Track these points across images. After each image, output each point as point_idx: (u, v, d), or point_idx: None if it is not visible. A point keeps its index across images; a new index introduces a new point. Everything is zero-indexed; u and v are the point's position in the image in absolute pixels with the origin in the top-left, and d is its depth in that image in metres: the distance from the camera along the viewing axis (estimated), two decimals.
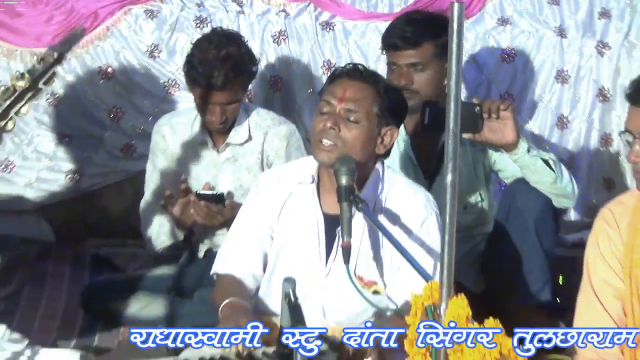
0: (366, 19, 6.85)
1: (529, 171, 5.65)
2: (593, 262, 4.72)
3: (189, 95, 6.12)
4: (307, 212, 4.99)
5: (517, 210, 5.72)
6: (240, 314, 4.66)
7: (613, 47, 6.82)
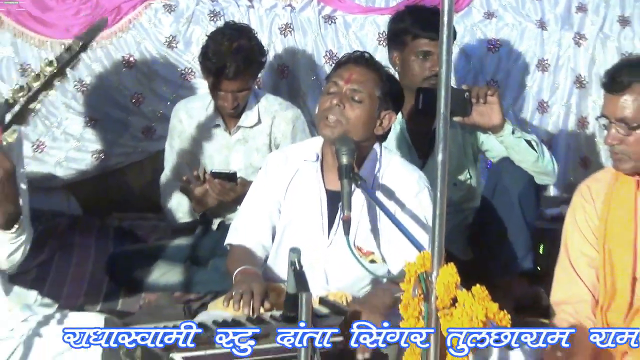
0: (365, 13, 6.85)
1: (514, 151, 5.67)
2: (570, 233, 4.73)
3: (203, 82, 6.13)
4: (312, 188, 5.01)
5: (502, 186, 5.74)
6: (253, 279, 4.70)
7: (589, 39, 6.82)
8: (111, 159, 6.84)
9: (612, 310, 4.60)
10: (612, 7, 6.86)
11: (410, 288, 4.03)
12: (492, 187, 5.83)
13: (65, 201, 6.97)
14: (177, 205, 6.06)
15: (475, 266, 5.66)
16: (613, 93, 4.47)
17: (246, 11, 6.78)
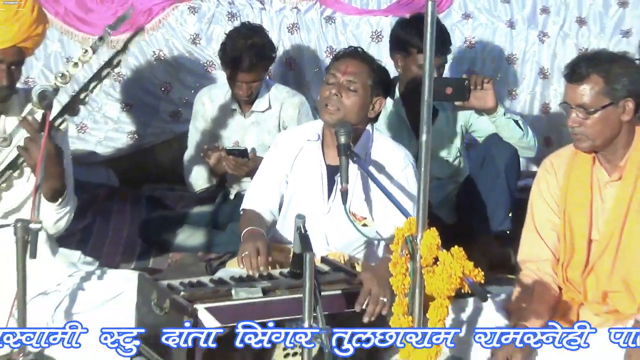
0: (360, 14, 6.83)
1: (504, 129, 5.70)
2: (536, 202, 4.74)
3: (222, 74, 6.13)
4: (314, 163, 5.01)
5: (491, 157, 5.77)
6: (257, 238, 4.73)
7: (551, 36, 6.80)
8: (143, 139, 6.84)
9: (571, 267, 4.61)
10: (570, 9, 6.84)
11: (399, 249, 4.04)
12: (481, 159, 5.85)
13: (105, 174, 6.97)
14: (196, 175, 6.10)
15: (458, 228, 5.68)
16: (573, 83, 4.47)
17: (259, 13, 6.77)
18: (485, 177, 5.79)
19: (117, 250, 5.94)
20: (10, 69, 4.63)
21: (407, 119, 5.88)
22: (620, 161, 4.53)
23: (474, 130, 5.98)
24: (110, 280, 4.77)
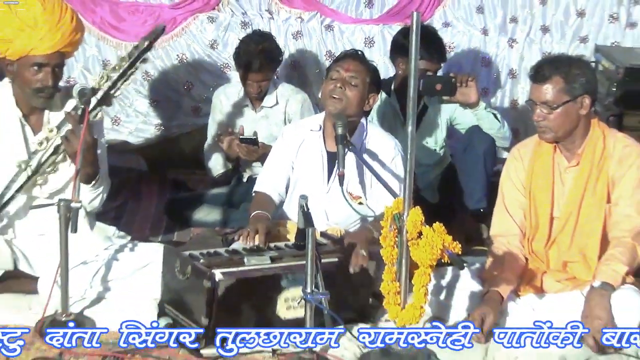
0: (354, 23, 6.80)
1: (484, 121, 5.71)
2: (505, 184, 4.75)
3: (236, 74, 6.13)
4: (316, 150, 5.01)
5: (472, 145, 5.76)
6: (260, 221, 4.75)
7: (519, 42, 6.77)
8: (169, 130, 6.82)
9: (536, 240, 4.62)
10: (536, 18, 6.81)
11: (388, 225, 4.06)
12: (464, 147, 5.85)
13: (135, 161, 6.95)
14: (214, 161, 6.10)
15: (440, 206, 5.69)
16: (537, 83, 4.49)
17: (268, 22, 6.74)
18: (467, 161, 5.79)
19: (146, 226, 5.93)
20: (54, 71, 4.64)
21: (400, 113, 5.88)
22: (578, 149, 4.55)
23: (457, 123, 5.97)
24: (140, 252, 4.78)
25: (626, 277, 4.39)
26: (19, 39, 4.56)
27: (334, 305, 4.08)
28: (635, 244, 4.44)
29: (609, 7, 6.82)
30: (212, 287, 4.15)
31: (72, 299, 4.39)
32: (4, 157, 4.71)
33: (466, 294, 4.53)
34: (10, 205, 4.73)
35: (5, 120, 4.74)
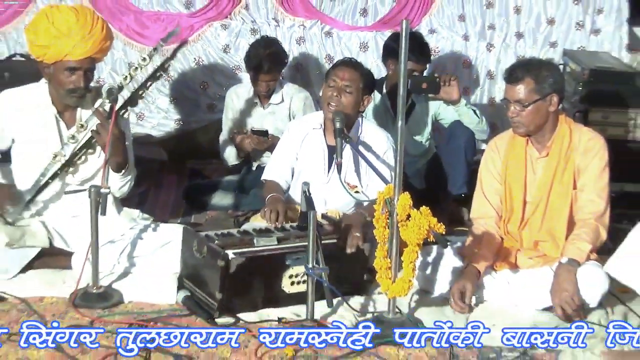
0: (351, 30, 6.79)
1: (465, 116, 5.69)
2: (483, 172, 4.74)
3: (247, 75, 6.11)
4: (317, 144, 5.02)
5: (454, 138, 5.75)
6: (278, 202, 4.77)
7: (496, 47, 6.76)
8: (187, 125, 6.81)
9: (510, 222, 4.62)
10: (511, 26, 6.80)
11: (380, 208, 4.05)
12: (447, 138, 5.84)
13: (157, 152, 6.93)
14: (228, 153, 6.08)
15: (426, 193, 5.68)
16: (511, 83, 4.50)
17: (274, 29, 6.73)
18: (449, 152, 5.78)
19: (167, 209, 5.92)
20: (86, 74, 4.65)
21: (391, 110, 5.87)
22: (548, 142, 4.55)
23: (441, 118, 5.96)
24: (161, 232, 4.77)
25: (590, 254, 4.40)
26: (55, 45, 4.56)
27: (333, 280, 4.09)
28: (598, 225, 4.45)
29: (575, 16, 6.82)
30: (225, 265, 4.15)
31: (101, 274, 4.39)
32: (41, 148, 4.72)
33: (449, 269, 4.53)
34: (45, 190, 4.75)
35: (42, 117, 4.75)
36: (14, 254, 4.58)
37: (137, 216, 4.94)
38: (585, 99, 5.83)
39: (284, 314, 4.22)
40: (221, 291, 4.18)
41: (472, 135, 5.75)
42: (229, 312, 4.19)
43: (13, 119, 4.76)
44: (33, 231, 4.71)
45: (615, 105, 5.79)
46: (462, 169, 5.73)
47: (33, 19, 4.78)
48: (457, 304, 4.32)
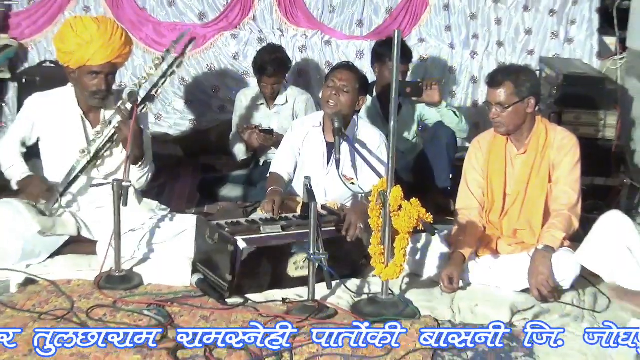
0: (348, 39, 6.78)
1: (446, 117, 5.68)
2: (467, 167, 4.74)
3: (254, 79, 6.13)
4: (317, 141, 5.00)
5: (437, 137, 5.73)
6: (275, 194, 4.73)
7: (479, 54, 6.75)
8: (200, 124, 6.81)
9: (492, 212, 4.62)
10: (492, 36, 6.78)
11: (375, 200, 4.05)
12: (431, 138, 5.82)
13: (174, 149, 6.92)
14: (238, 149, 6.06)
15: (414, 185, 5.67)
16: (492, 87, 4.49)
17: (279, 38, 6.72)
18: (434, 150, 5.76)
19: (182, 201, 5.91)
20: (107, 78, 4.66)
21: (380, 112, 5.87)
22: (526, 140, 4.55)
23: (426, 119, 5.95)
24: (177, 221, 4.77)
25: (564, 241, 4.40)
26: (79, 52, 4.58)
27: (332, 264, 4.08)
28: (571, 215, 4.45)
29: (550, 27, 6.81)
30: (235, 250, 4.16)
31: (123, 259, 4.40)
32: (68, 146, 4.72)
33: (436, 255, 4.53)
34: (73, 184, 4.75)
35: (69, 117, 4.76)
36: (45, 241, 4.58)
37: (155, 207, 4.94)
38: (559, 102, 5.83)
39: (287, 295, 4.23)
40: (231, 274, 4.18)
41: (454, 135, 5.75)
42: (238, 293, 4.20)
43: (42, 119, 4.78)
44: (63, 221, 4.71)
45: (587, 107, 5.79)
46: (445, 165, 5.73)
47: (60, 28, 4.80)
48: (446, 287, 4.32)
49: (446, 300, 4.28)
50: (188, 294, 4.23)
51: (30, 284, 4.30)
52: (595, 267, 4.31)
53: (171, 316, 3.95)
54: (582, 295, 4.38)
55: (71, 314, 3.95)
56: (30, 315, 3.93)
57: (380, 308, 4.07)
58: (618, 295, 4.29)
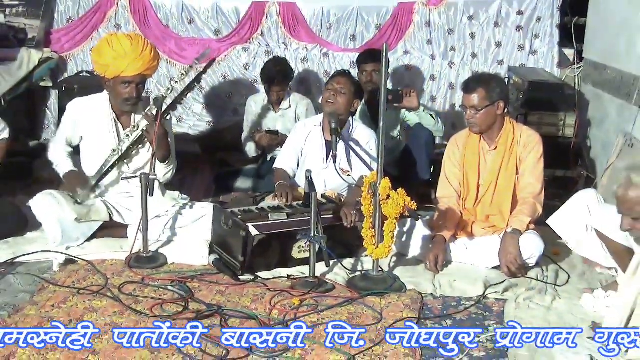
0: (343, 52, 6.75)
1: (424, 120, 5.62)
2: (446, 162, 4.71)
3: (262, 87, 6.10)
4: (317, 139, 4.97)
5: (417, 136, 5.69)
6: (286, 187, 4.74)
7: (456, 64, 6.72)
8: (216, 125, 6.78)
9: (467, 200, 4.60)
10: (468, 48, 6.76)
11: (366, 189, 4.04)
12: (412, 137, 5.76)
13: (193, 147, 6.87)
14: (249, 148, 6.03)
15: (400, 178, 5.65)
16: (467, 93, 4.47)
17: (284, 51, 6.70)
18: (414, 148, 5.73)
19: (201, 191, 5.87)
20: (137, 87, 4.65)
21: (368, 114, 5.84)
22: (496, 138, 4.53)
23: (408, 120, 5.90)
24: (196, 209, 4.76)
25: (529, 225, 4.40)
26: (114, 64, 4.57)
27: (330, 245, 4.07)
28: (536, 203, 4.44)
29: (517, 40, 6.78)
30: (246, 234, 4.15)
31: (150, 241, 4.39)
32: (102, 145, 4.72)
33: (420, 237, 4.52)
34: (107, 177, 4.75)
35: (104, 119, 4.75)
36: (82, 227, 4.57)
37: (177, 197, 4.93)
38: (525, 105, 5.82)
39: (292, 273, 4.22)
40: (243, 255, 4.18)
41: (431, 134, 5.70)
42: (249, 271, 4.19)
43: (81, 121, 4.78)
44: (97, 208, 4.69)
45: (549, 109, 5.78)
46: (425, 160, 5.70)
47: (98, 44, 4.80)
48: (432, 267, 4.30)
49: (428, 276, 4.27)
50: (206, 272, 4.23)
51: (70, 263, 4.31)
52: (564, 234, 4.24)
53: (191, 290, 3.96)
54: (545, 271, 4.37)
55: (105, 289, 3.96)
56: (70, 291, 3.93)
57: (372, 283, 4.07)
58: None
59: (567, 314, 3.83)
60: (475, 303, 3.97)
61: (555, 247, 4.59)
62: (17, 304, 3.78)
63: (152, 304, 3.78)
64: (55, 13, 6.71)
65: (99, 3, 6.71)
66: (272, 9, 6.81)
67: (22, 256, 4.33)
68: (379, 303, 3.89)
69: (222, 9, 6.80)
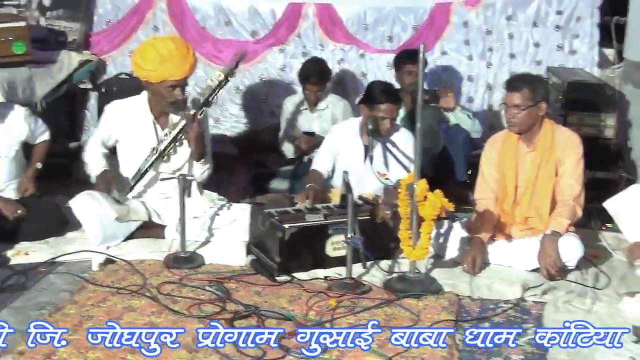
0: (380, 52, 6.72)
1: (461, 120, 5.63)
2: (484, 163, 4.68)
3: (299, 88, 6.11)
4: (354, 143, 4.97)
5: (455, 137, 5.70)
6: (310, 189, 4.73)
7: (494, 65, 6.66)
8: (253, 127, 6.80)
9: (505, 202, 4.56)
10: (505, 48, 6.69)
11: (404, 191, 4.04)
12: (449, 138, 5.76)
13: (229, 147, 6.91)
14: (286, 148, 6.07)
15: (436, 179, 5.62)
16: (510, 92, 4.43)
17: (321, 52, 6.69)
18: (452, 148, 5.72)
19: (238, 192, 5.89)
20: (182, 89, 4.70)
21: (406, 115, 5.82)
22: (535, 139, 4.50)
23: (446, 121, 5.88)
24: (234, 210, 4.79)
25: (569, 227, 4.36)
26: (160, 69, 4.61)
27: (367, 247, 4.07)
28: (575, 205, 4.40)
29: (556, 40, 6.70)
30: (283, 235, 4.16)
31: (188, 242, 4.42)
32: (141, 145, 4.77)
33: (457, 239, 4.49)
34: (145, 178, 4.79)
35: (142, 121, 4.80)
36: (121, 227, 4.62)
37: (215, 197, 4.96)
38: (564, 106, 5.76)
39: (329, 274, 4.22)
40: (280, 255, 4.19)
41: (468, 135, 5.71)
42: (286, 272, 4.20)
43: (120, 122, 4.83)
44: (136, 209, 4.74)
45: (588, 110, 5.72)
46: (462, 161, 5.69)
47: (141, 48, 4.82)
48: (470, 269, 4.29)
49: (466, 278, 4.25)
50: (243, 272, 4.25)
51: (109, 263, 4.35)
52: (618, 218, 4.22)
53: (229, 291, 3.98)
54: (585, 274, 4.33)
55: (144, 289, 4.00)
56: (109, 290, 3.97)
57: (409, 285, 4.05)
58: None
59: (607, 317, 3.80)
60: (513, 305, 3.94)
61: (594, 250, 4.54)
62: (58, 303, 3.83)
63: (189, 304, 3.81)
64: (95, 16, 6.79)
65: (137, 5, 6.78)
66: (308, 10, 6.81)
67: (62, 256, 4.39)
68: (416, 305, 3.88)
69: (258, 10, 6.82)
